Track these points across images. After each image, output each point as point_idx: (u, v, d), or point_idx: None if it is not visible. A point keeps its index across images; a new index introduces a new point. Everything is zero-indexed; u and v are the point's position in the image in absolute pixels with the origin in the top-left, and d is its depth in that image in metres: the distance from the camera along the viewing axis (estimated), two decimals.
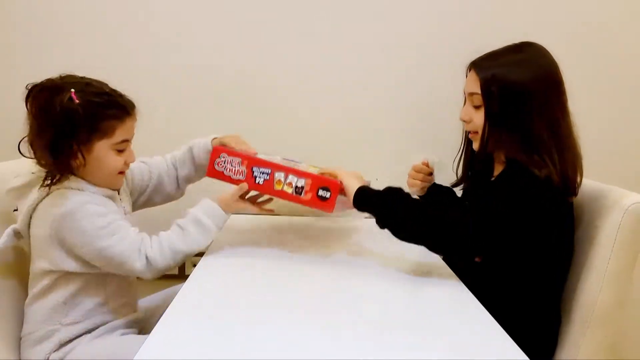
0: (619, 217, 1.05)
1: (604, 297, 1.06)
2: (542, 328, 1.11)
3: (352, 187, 1.14)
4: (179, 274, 1.57)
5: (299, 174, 1.16)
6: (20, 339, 1.12)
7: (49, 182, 1.04)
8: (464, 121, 1.19)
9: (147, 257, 1.08)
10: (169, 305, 0.92)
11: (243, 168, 1.19)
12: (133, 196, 1.27)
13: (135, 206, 1.28)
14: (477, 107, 1.14)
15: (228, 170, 1.20)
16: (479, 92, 1.12)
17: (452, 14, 1.57)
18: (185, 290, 0.99)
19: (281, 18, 1.56)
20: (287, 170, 1.17)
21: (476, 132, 1.16)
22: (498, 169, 1.21)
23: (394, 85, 1.60)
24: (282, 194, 1.17)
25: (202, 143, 1.30)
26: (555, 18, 1.56)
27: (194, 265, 1.13)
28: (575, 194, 1.10)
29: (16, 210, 1.10)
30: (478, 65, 1.14)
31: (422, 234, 1.06)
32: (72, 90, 1.02)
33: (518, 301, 1.10)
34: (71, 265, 1.07)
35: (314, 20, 1.57)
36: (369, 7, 1.57)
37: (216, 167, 1.20)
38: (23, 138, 1.05)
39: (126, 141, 1.10)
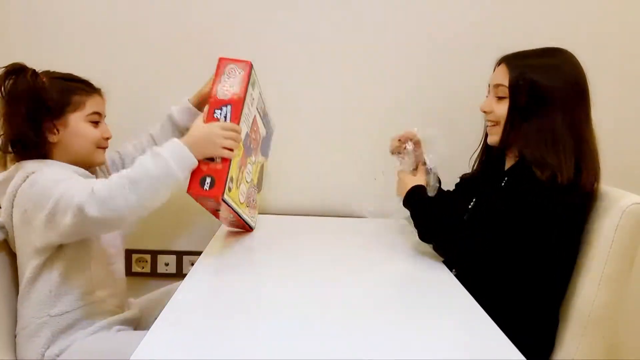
0: (616, 218, 1.05)
1: (601, 299, 1.06)
2: (540, 329, 1.11)
3: (406, 184, 1.24)
4: (176, 272, 1.58)
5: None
6: (15, 336, 1.12)
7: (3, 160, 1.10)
8: (485, 112, 1.22)
9: (92, 189, 0.98)
10: (165, 303, 0.91)
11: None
12: None
13: None
14: (500, 99, 1.18)
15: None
16: (506, 84, 1.15)
17: (463, 14, 1.57)
18: (183, 289, 0.98)
19: (284, 17, 1.56)
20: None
21: (495, 124, 1.20)
22: (510, 165, 1.23)
23: (399, 84, 1.60)
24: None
25: (179, 107, 1.33)
26: (568, 19, 1.57)
27: (192, 264, 1.12)
28: (594, 198, 1.11)
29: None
30: (510, 61, 1.17)
31: (433, 238, 1.19)
32: (38, 71, 1.10)
33: (517, 302, 1.10)
34: (44, 240, 1.05)
35: (319, 18, 1.56)
36: (377, 4, 1.56)
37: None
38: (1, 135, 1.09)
39: (98, 114, 1.15)
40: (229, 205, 1.11)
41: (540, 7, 1.57)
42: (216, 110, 1.11)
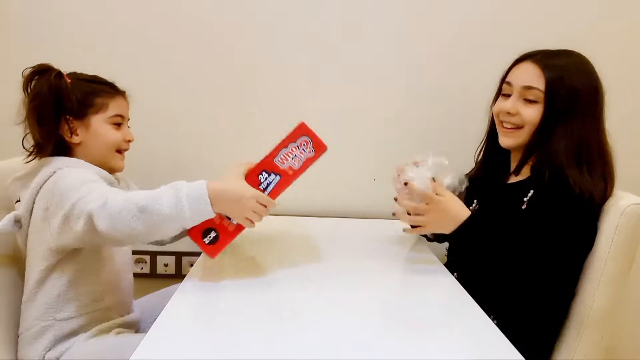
0: (615, 219, 1.05)
1: (600, 299, 1.06)
2: (541, 329, 1.11)
3: (459, 215, 1.09)
4: (175, 273, 1.58)
5: None
6: (19, 336, 1.12)
7: (33, 157, 1.10)
8: (509, 114, 1.14)
9: (106, 201, 0.95)
10: (165, 305, 0.91)
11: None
12: None
13: None
14: (528, 102, 1.11)
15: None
16: (541, 87, 1.09)
17: (465, 15, 1.56)
18: (182, 290, 0.98)
19: (286, 16, 1.56)
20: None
21: (517, 127, 1.14)
22: (523, 173, 1.18)
23: (399, 85, 1.60)
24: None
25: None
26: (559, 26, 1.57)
27: (191, 265, 1.12)
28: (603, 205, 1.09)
29: (19, 201, 1.10)
30: (541, 60, 1.11)
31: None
32: (64, 72, 1.11)
33: (521, 303, 1.09)
34: (56, 241, 1.04)
35: (319, 18, 1.56)
36: (379, 7, 1.56)
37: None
38: (27, 134, 1.11)
39: (120, 116, 1.16)
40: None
41: (545, 6, 1.56)
42: (263, 173, 1.05)
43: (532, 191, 1.12)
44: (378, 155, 1.63)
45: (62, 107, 1.09)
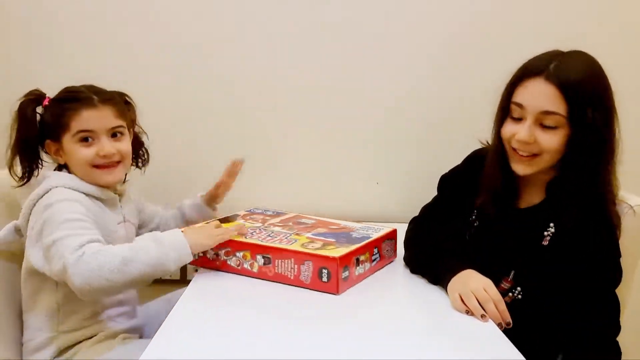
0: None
1: None
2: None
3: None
4: (180, 279, 1.58)
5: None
6: (22, 345, 1.12)
7: (25, 180, 1.12)
8: (525, 143, 1.00)
9: (82, 254, 0.94)
10: (169, 310, 0.92)
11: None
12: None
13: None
14: (547, 128, 0.98)
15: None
16: (562, 112, 0.96)
17: (464, 17, 1.56)
18: (187, 296, 0.99)
19: (286, 19, 1.56)
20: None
21: (534, 155, 1.01)
22: (531, 195, 1.10)
23: (396, 92, 1.60)
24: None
25: (190, 201, 1.38)
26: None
27: (196, 270, 1.13)
28: None
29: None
30: (555, 78, 0.96)
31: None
32: (48, 96, 1.12)
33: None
34: (42, 263, 1.03)
35: (319, 21, 1.56)
36: (378, 8, 1.56)
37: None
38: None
39: (85, 131, 1.09)
40: None
41: (546, 6, 1.55)
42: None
43: (552, 224, 1.04)
44: (380, 159, 1.63)
45: (38, 133, 1.11)
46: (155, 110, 1.44)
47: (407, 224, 1.26)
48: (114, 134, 1.13)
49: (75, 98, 1.11)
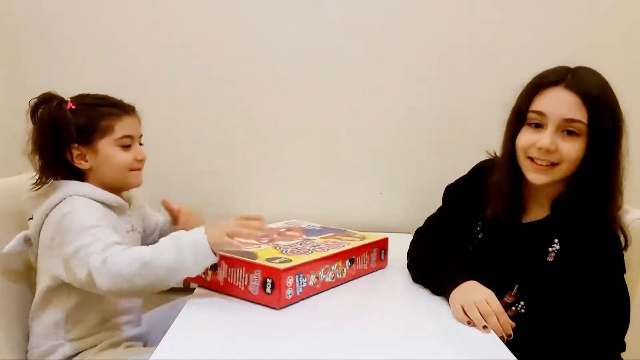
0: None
1: None
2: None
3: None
4: (184, 286, 1.58)
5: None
6: (27, 352, 1.13)
7: (40, 185, 1.10)
8: (547, 150, 0.99)
9: (106, 258, 0.96)
10: (174, 318, 0.92)
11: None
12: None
13: None
14: (568, 136, 0.99)
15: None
16: (584, 120, 0.97)
17: (472, 23, 1.57)
18: (192, 304, 0.99)
19: (285, 19, 1.57)
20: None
21: (553, 165, 1.01)
22: (536, 210, 1.10)
23: (400, 102, 1.61)
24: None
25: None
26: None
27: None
28: None
29: (31, 219, 1.11)
30: (575, 86, 0.98)
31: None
32: (68, 99, 1.11)
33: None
34: (62, 272, 1.04)
35: (321, 22, 1.57)
36: (382, 8, 1.57)
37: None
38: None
39: (128, 137, 1.14)
40: None
41: (551, 18, 1.56)
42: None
43: (557, 240, 1.04)
44: (385, 169, 1.63)
45: (64, 136, 1.08)
46: (153, 111, 1.45)
47: (411, 234, 1.27)
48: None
49: (114, 104, 1.14)
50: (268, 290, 0.97)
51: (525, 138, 1.03)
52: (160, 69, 1.57)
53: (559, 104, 0.99)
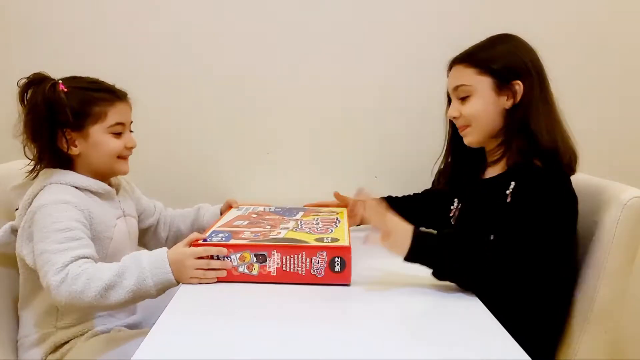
0: (617, 212, 1.04)
1: (603, 293, 1.05)
2: (545, 325, 1.10)
3: (404, 236, 1.00)
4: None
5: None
6: (17, 341, 1.12)
7: (35, 173, 1.07)
8: (454, 118, 1.18)
9: (66, 275, 0.94)
10: (166, 305, 0.91)
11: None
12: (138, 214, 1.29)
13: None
14: (464, 99, 1.15)
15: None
16: (467, 82, 1.13)
17: (447, 14, 1.57)
18: (184, 290, 0.99)
19: (282, 19, 1.57)
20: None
21: (467, 125, 1.16)
22: (494, 166, 1.17)
23: (392, 85, 1.60)
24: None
25: (209, 212, 1.36)
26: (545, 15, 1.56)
27: None
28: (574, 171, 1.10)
29: (17, 209, 1.10)
30: (466, 59, 1.15)
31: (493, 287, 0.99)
32: (60, 80, 1.06)
33: (520, 299, 1.05)
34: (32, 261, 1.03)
35: (312, 22, 1.57)
36: (365, 8, 1.57)
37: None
38: (26, 145, 1.09)
39: (121, 124, 1.11)
40: None
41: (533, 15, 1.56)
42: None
43: (513, 183, 1.08)
44: (378, 152, 1.62)
45: (57, 120, 1.04)
46: (145, 97, 1.44)
47: None
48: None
49: (107, 89, 1.10)
50: (337, 268, 0.99)
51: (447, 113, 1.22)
52: (152, 55, 1.56)
53: (450, 79, 1.19)
